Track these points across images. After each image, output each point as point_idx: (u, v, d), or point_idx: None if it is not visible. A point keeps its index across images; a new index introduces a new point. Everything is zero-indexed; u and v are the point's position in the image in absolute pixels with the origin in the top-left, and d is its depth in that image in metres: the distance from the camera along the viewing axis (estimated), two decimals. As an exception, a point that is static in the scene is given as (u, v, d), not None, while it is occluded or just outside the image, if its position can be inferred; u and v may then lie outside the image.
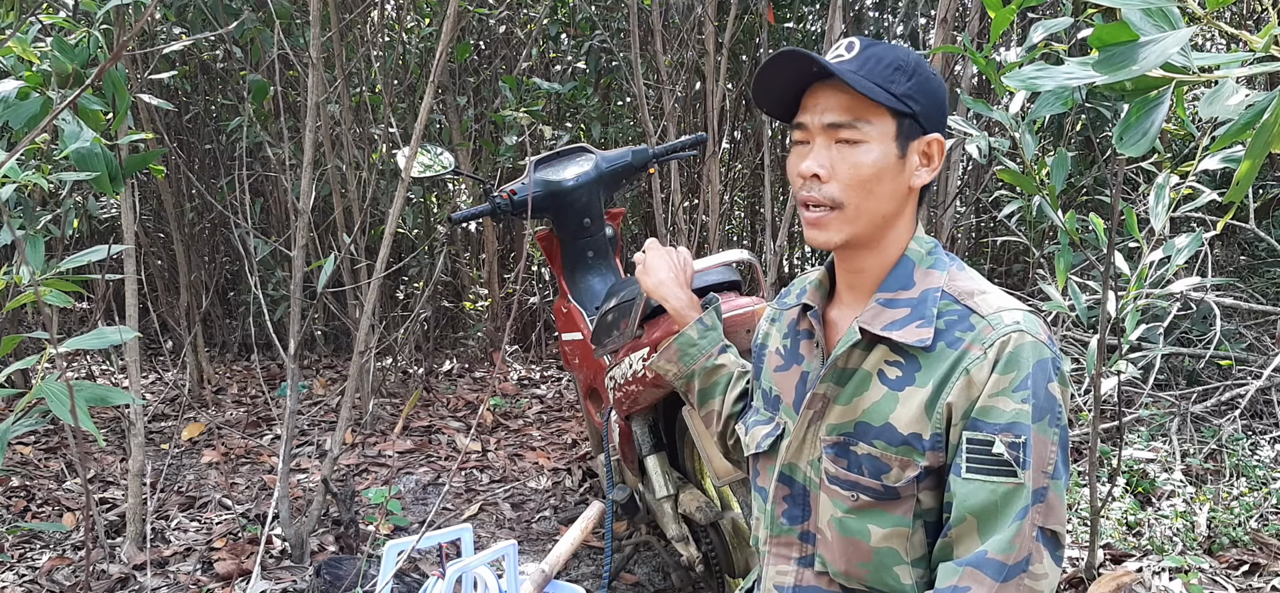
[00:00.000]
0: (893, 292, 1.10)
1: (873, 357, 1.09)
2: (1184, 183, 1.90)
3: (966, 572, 0.99)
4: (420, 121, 2.18)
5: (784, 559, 1.19)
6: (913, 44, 5.04)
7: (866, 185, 1.07)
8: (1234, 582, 2.18)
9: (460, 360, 4.79)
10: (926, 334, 1.05)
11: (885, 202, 1.08)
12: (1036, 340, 1.02)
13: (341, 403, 2.41)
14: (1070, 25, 1.59)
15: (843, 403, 1.11)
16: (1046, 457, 1.00)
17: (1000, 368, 1.01)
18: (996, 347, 1.02)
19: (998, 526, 0.99)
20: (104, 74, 1.18)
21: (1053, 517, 1.00)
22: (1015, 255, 4.85)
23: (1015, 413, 0.99)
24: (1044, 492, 0.99)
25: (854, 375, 1.11)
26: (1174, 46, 0.70)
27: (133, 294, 2.44)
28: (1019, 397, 1.00)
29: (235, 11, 3.39)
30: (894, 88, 1.05)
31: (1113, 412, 3.08)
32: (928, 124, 1.08)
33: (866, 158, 1.06)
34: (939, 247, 1.14)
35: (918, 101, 1.06)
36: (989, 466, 1.00)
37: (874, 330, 1.08)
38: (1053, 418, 1.00)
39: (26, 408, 1.41)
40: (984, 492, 1.00)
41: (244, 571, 2.41)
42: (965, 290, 1.08)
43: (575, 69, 4.67)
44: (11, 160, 1.13)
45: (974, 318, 1.05)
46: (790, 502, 1.19)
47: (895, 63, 1.06)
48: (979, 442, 1.01)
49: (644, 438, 2.15)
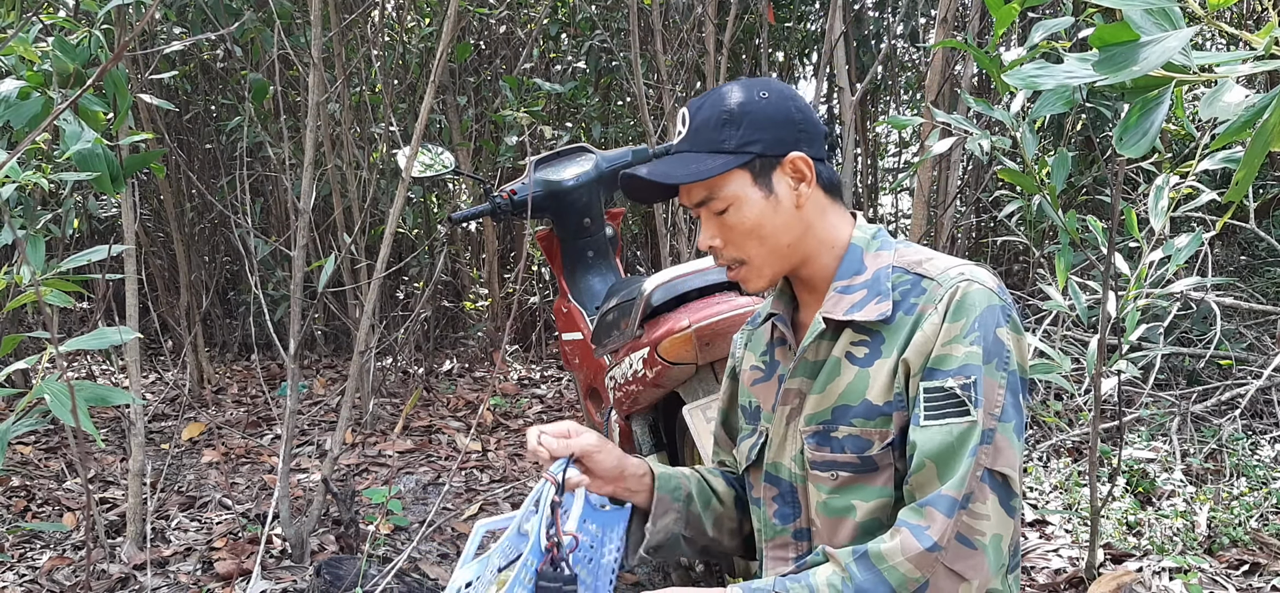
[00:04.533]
0: (847, 279, 1.13)
1: (840, 343, 1.12)
2: (1184, 182, 1.90)
3: (925, 510, 1.00)
4: (420, 121, 2.18)
5: (781, 562, 1.20)
6: (913, 43, 5.05)
7: (753, 235, 1.13)
8: (1234, 582, 2.18)
9: (460, 360, 4.79)
10: (886, 307, 1.08)
11: (782, 234, 1.13)
12: (984, 288, 1.05)
13: (341, 403, 2.41)
14: (1071, 25, 1.59)
15: (817, 392, 1.13)
16: (995, 398, 1.01)
17: (950, 317, 1.04)
18: (946, 299, 1.05)
19: (955, 466, 1.00)
20: (105, 74, 1.18)
21: (1001, 460, 1.01)
22: (1015, 255, 4.85)
23: (966, 355, 1.02)
24: (991, 433, 1.01)
25: (824, 365, 1.13)
26: (1175, 46, 0.70)
27: (133, 294, 2.44)
28: (969, 340, 1.02)
29: (236, 11, 3.39)
30: (727, 145, 1.11)
31: (1113, 412, 3.08)
32: (778, 148, 1.12)
33: (737, 217, 1.12)
34: (882, 231, 1.17)
35: (755, 142, 1.11)
36: (944, 407, 1.02)
37: (836, 317, 1.11)
38: (1000, 361, 1.02)
39: (27, 408, 1.41)
40: (940, 434, 1.01)
41: (244, 571, 2.41)
42: (913, 260, 1.12)
43: (575, 69, 4.67)
44: (12, 160, 1.13)
45: (925, 282, 1.08)
46: (780, 501, 1.20)
47: (720, 119, 1.11)
48: (934, 389, 1.03)
49: (644, 438, 2.15)
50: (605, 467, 1.19)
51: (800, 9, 4.54)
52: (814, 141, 1.14)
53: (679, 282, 1.97)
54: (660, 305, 1.97)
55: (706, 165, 1.11)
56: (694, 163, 1.12)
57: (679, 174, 1.11)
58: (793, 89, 1.16)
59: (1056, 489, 2.77)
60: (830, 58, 3.36)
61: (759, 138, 1.11)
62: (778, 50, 4.81)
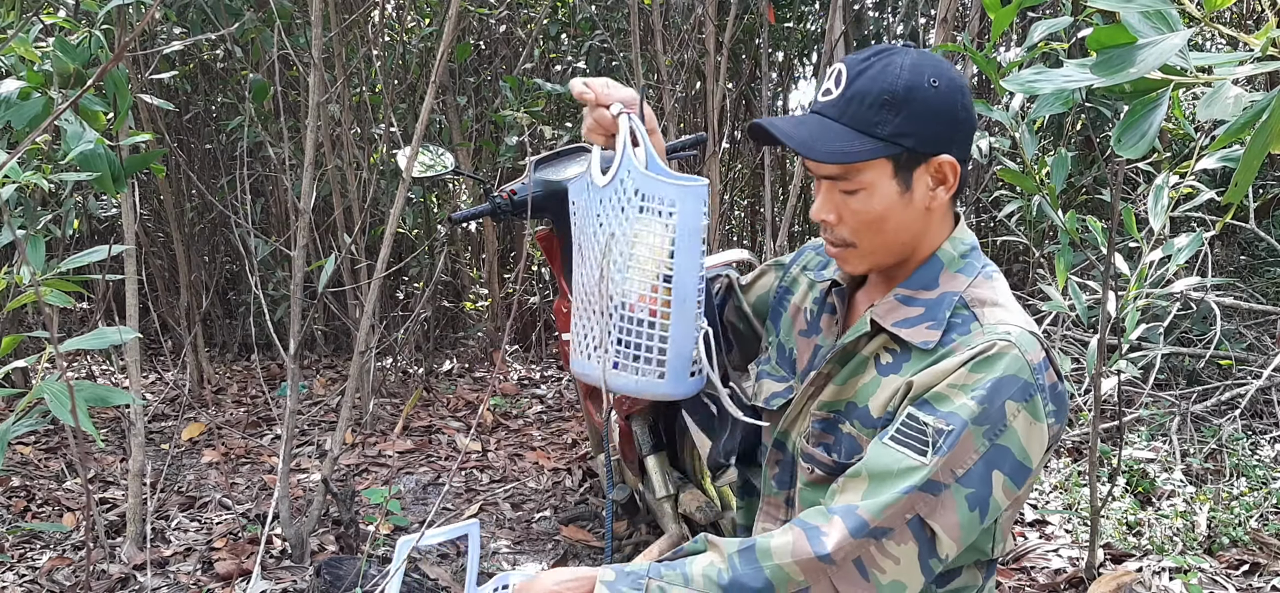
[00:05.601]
0: (914, 290, 1.08)
1: (874, 343, 1.08)
2: (1183, 182, 1.90)
3: (831, 518, 0.96)
4: (421, 121, 2.18)
5: (771, 519, 1.22)
6: (913, 43, 5.04)
7: (874, 226, 1.05)
8: (1234, 582, 2.18)
9: (460, 360, 4.79)
10: (933, 336, 1.03)
11: (901, 232, 1.06)
12: (1021, 357, 0.97)
13: (341, 403, 2.41)
14: (1070, 25, 1.59)
15: (838, 382, 1.11)
16: (963, 459, 0.95)
17: (971, 365, 0.97)
18: (980, 348, 0.98)
19: (881, 491, 0.95)
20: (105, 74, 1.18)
21: (938, 516, 0.95)
22: (1015, 255, 4.85)
23: (960, 405, 0.96)
24: (939, 488, 0.95)
25: (854, 358, 1.10)
26: (1172, 49, 0.70)
27: (133, 294, 2.44)
28: (972, 394, 0.96)
29: (236, 11, 3.39)
30: (880, 130, 1.01)
31: (1113, 411, 3.08)
32: (931, 147, 1.02)
33: (866, 204, 1.04)
34: (976, 251, 1.11)
35: (910, 135, 1.01)
36: (910, 440, 0.97)
37: (884, 325, 1.06)
38: (992, 431, 0.96)
39: (26, 408, 1.41)
40: (889, 456, 0.97)
41: (244, 571, 2.41)
42: (979, 299, 1.05)
43: (575, 69, 4.67)
44: (13, 160, 1.13)
45: (974, 324, 1.02)
46: (780, 467, 1.20)
47: (882, 98, 1.00)
48: (914, 418, 0.97)
49: (644, 438, 2.15)
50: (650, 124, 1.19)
51: (800, 9, 4.54)
52: (966, 142, 1.06)
53: (679, 282, 1.96)
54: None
55: (852, 147, 1.01)
56: (839, 139, 1.01)
57: (820, 149, 1.01)
58: (964, 81, 1.05)
59: (1056, 489, 2.77)
60: (830, 58, 3.36)
61: (916, 131, 1.01)
62: (778, 50, 4.81)
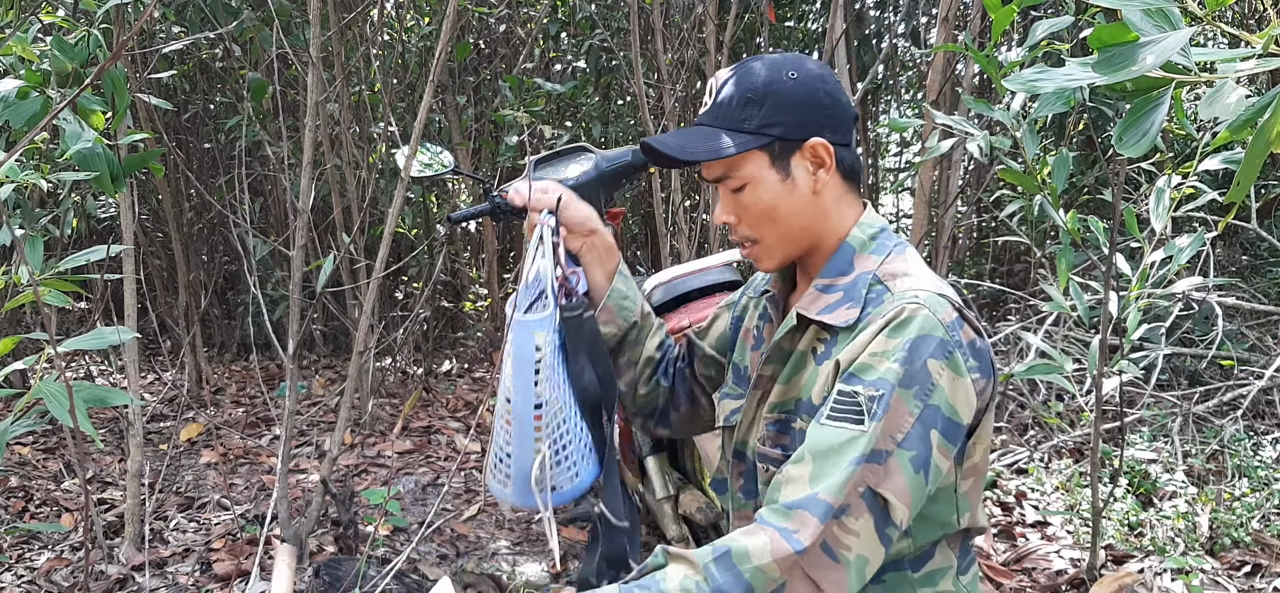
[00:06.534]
0: (831, 278, 1.12)
1: (806, 337, 1.12)
2: (1185, 182, 1.90)
3: (796, 515, 0.97)
4: (420, 121, 2.18)
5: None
6: (914, 43, 5.04)
7: (767, 217, 1.12)
8: (1236, 583, 2.18)
9: (460, 360, 4.79)
10: (852, 314, 1.07)
11: (794, 218, 1.12)
12: (932, 316, 1.01)
13: (341, 403, 2.40)
14: (1072, 24, 1.59)
15: (783, 382, 1.13)
16: (899, 423, 0.98)
17: (887, 331, 1.01)
18: (891, 314, 1.02)
19: (831, 469, 0.97)
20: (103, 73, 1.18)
21: (888, 484, 0.97)
22: (1016, 255, 4.85)
23: (885, 370, 0.99)
24: (883, 456, 0.97)
25: (792, 356, 1.13)
26: (1174, 47, 0.70)
27: (131, 294, 2.44)
28: (894, 358, 0.99)
29: (234, 10, 3.39)
30: (747, 125, 1.09)
31: (1114, 412, 3.08)
32: (799, 132, 1.09)
33: (753, 198, 1.11)
34: (886, 231, 1.15)
35: (776, 124, 1.08)
36: (845, 413, 1.00)
37: (809, 315, 1.10)
38: (921, 391, 0.99)
39: (25, 408, 1.40)
40: (830, 434, 0.99)
41: (243, 571, 2.41)
42: (891, 273, 1.09)
43: (575, 68, 4.67)
44: (11, 160, 1.13)
45: (887, 294, 1.06)
46: (744, 478, 1.22)
47: (744, 97, 1.09)
48: (845, 393, 1.00)
49: (644, 438, 2.14)
50: (576, 218, 1.30)
51: (801, 8, 4.54)
52: (839, 127, 1.11)
53: (679, 282, 1.96)
54: (660, 305, 1.97)
55: (724, 144, 1.09)
56: (712, 139, 1.10)
57: (696, 149, 1.10)
58: (826, 70, 1.13)
59: (1058, 490, 2.77)
60: (831, 57, 3.35)
61: (781, 120, 1.09)
62: (778, 49, 4.80)
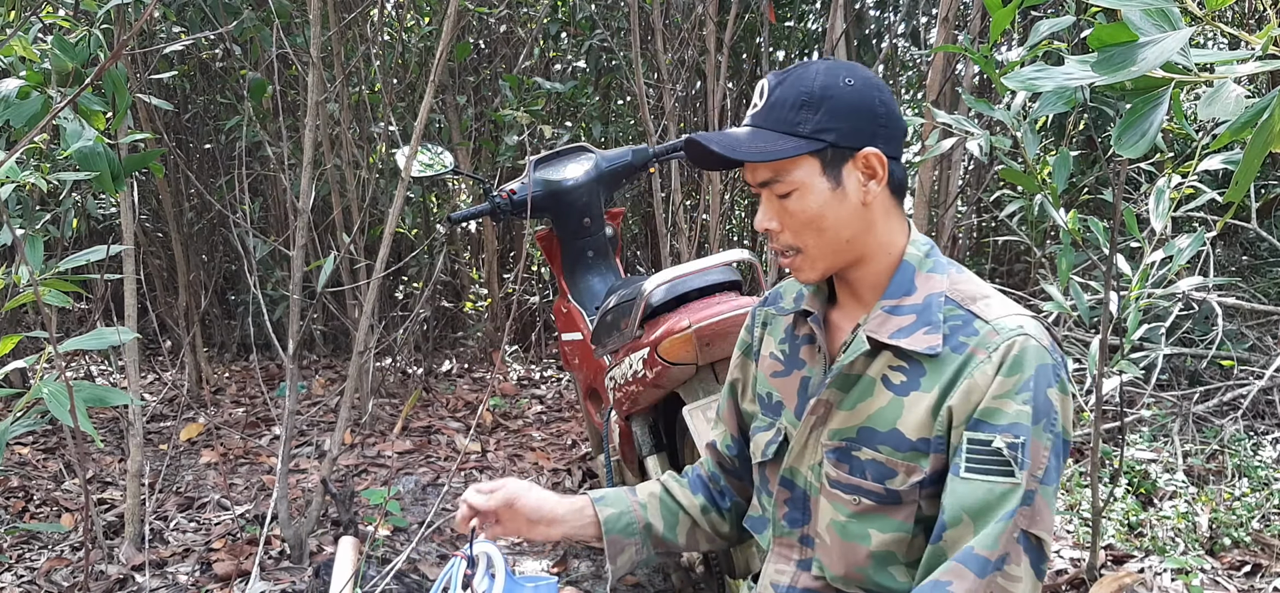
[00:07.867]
0: (896, 299, 1.10)
1: (877, 363, 1.10)
2: (1185, 182, 1.90)
3: (952, 567, 0.99)
4: (420, 121, 2.18)
5: (784, 559, 1.21)
6: (914, 43, 5.04)
7: (813, 226, 1.09)
8: (1236, 583, 2.18)
9: (460, 360, 4.79)
10: (935, 341, 1.06)
11: (843, 229, 1.09)
12: (1040, 346, 1.02)
13: (341, 403, 2.40)
14: (1072, 24, 1.59)
15: (846, 409, 1.11)
16: (1039, 460, 1.00)
17: (1004, 371, 1.01)
18: (1001, 351, 1.02)
19: (988, 523, 0.99)
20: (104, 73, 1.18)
21: (1037, 522, 1.00)
22: (1017, 255, 4.84)
23: (1016, 414, 1.00)
24: (1032, 496, 0.99)
25: (858, 381, 1.11)
26: (1173, 47, 0.70)
27: (131, 294, 2.44)
28: (1021, 399, 1.00)
29: (235, 10, 3.38)
30: (801, 129, 1.06)
31: (1114, 412, 3.08)
32: (854, 141, 1.07)
33: (801, 204, 1.08)
34: (935, 248, 1.14)
35: (831, 130, 1.06)
36: (988, 465, 1.00)
37: (882, 339, 1.08)
38: (1048, 423, 1.01)
39: (25, 408, 1.40)
40: (981, 490, 1.00)
41: (243, 571, 2.41)
42: (968, 295, 1.09)
43: (575, 68, 4.67)
44: (11, 160, 1.13)
45: (978, 323, 1.05)
46: (791, 506, 1.20)
47: (799, 100, 1.06)
48: (980, 442, 1.01)
49: (644, 438, 2.14)
50: (529, 506, 1.25)
51: (801, 8, 4.53)
52: (892, 138, 1.09)
53: (679, 282, 1.96)
54: (660, 306, 1.97)
55: (776, 146, 1.06)
56: (764, 141, 1.07)
57: (746, 150, 1.07)
58: (880, 80, 1.11)
59: (1058, 490, 2.76)
60: (831, 57, 3.35)
61: (836, 126, 1.06)
62: (778, 49, 4.80)
